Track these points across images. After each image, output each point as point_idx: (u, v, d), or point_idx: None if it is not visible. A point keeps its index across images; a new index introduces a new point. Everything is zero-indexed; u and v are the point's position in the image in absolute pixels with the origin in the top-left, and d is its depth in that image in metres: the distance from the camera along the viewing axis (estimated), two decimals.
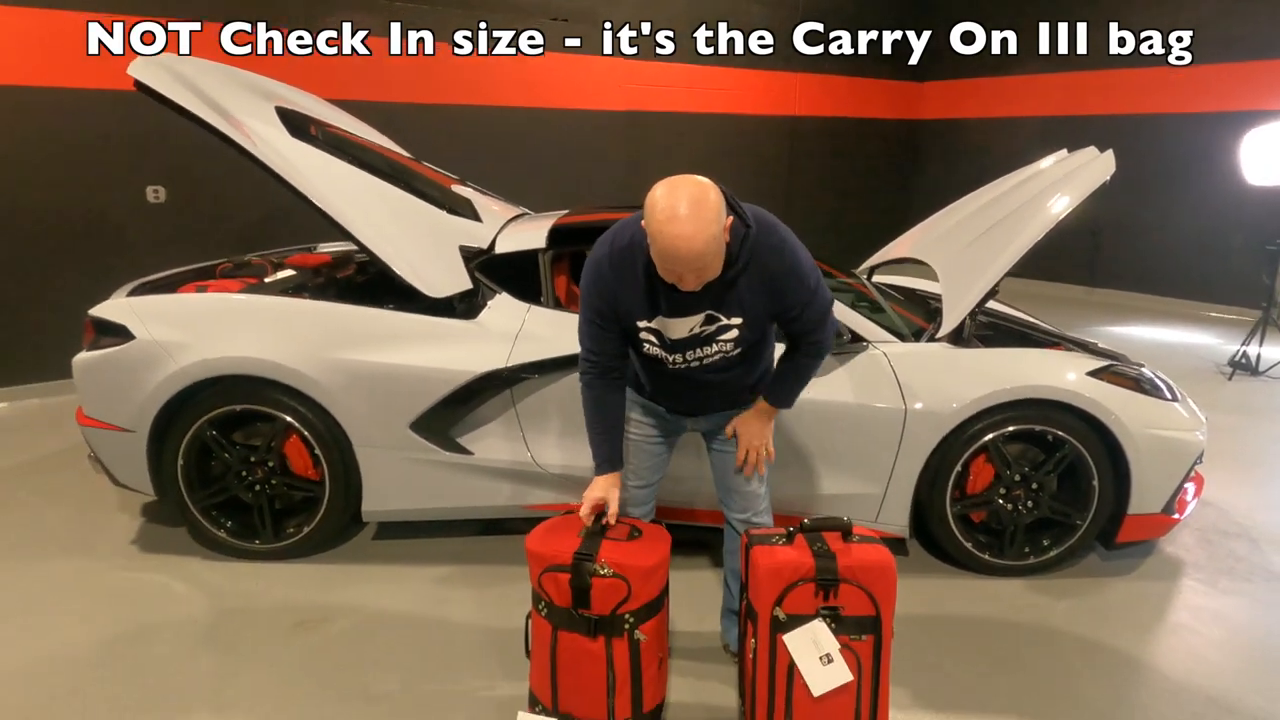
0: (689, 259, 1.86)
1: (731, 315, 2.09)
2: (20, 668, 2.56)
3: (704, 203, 1.85)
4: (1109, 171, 3.27)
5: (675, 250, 1.85)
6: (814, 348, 2.21)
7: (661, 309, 2.08)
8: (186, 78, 3.06)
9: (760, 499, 2.44)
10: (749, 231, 2.01)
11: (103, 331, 3.10)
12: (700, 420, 2.41)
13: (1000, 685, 2.56)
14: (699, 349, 2.15)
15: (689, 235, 1.83)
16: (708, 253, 1.87)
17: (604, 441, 2.26)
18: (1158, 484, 3.06)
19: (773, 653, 2.06)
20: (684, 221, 1.82)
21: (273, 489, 3.15)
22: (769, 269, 2.04)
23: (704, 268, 1.91)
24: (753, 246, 2.02)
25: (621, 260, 2.08)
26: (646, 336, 2.14)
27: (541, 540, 2.17)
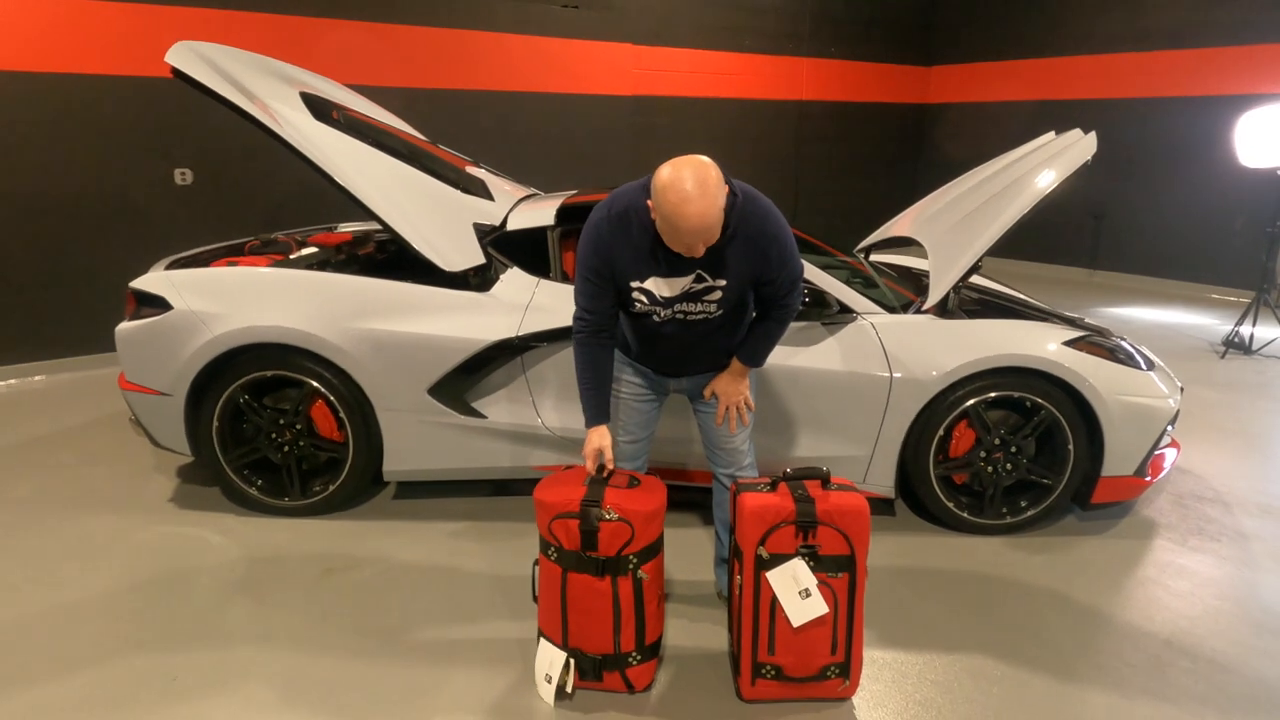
0: (700, 232, 2.10)
1: (718, 277, 2.31)
2: (69, 610, 2.81)
3: (709, 181, 2.08)
4: (1090, 152, 3.42)
5: (690, 226, 2.08)
6: (782, 312, 2.45)
7: (658, 270, 2.30)
8: (219, 65, 3.26)
9: (744, 455, 2.65)
10: (737, 201, 2.23)
11: (143, 303, 3.33)
12: (683, 381, 2.62)
13: (971, 627, 2.77)
14: (685, 305, 2.36)
15: (701, 212, 2.06)
16: (716, 225, 2.12)
17: (594, 397, 2.47)
18: (1130, 448, 3.25)
19: (757, 588, 2.27)
20: (695, 200, 2.05)
21: (300, 450, 3.38)
22: (753, 234, 2.27)
23: (708, 239, 2.15)
24: (740, 214, 2.24)
25: (619, 224, 2.28)
26: (638, 296, 2.35)
27: (549, 491, 2.38)
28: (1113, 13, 8.36)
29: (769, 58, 8.49)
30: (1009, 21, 9.23)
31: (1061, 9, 8.75)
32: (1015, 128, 8.85)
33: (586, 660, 2.37)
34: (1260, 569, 3.14)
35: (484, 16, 6.45)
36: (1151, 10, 8.09)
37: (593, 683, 2.40)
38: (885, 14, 9.46)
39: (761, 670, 2.33)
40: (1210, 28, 7.72)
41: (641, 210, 2.23)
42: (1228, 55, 7.64)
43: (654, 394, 2.66)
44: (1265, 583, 3.05)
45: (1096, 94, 8.58)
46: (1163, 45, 8.05)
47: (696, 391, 2.64)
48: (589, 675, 2.39)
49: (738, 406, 2.55)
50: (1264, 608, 2.89)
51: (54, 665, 2.52)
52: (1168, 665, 2.58)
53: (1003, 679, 2.51)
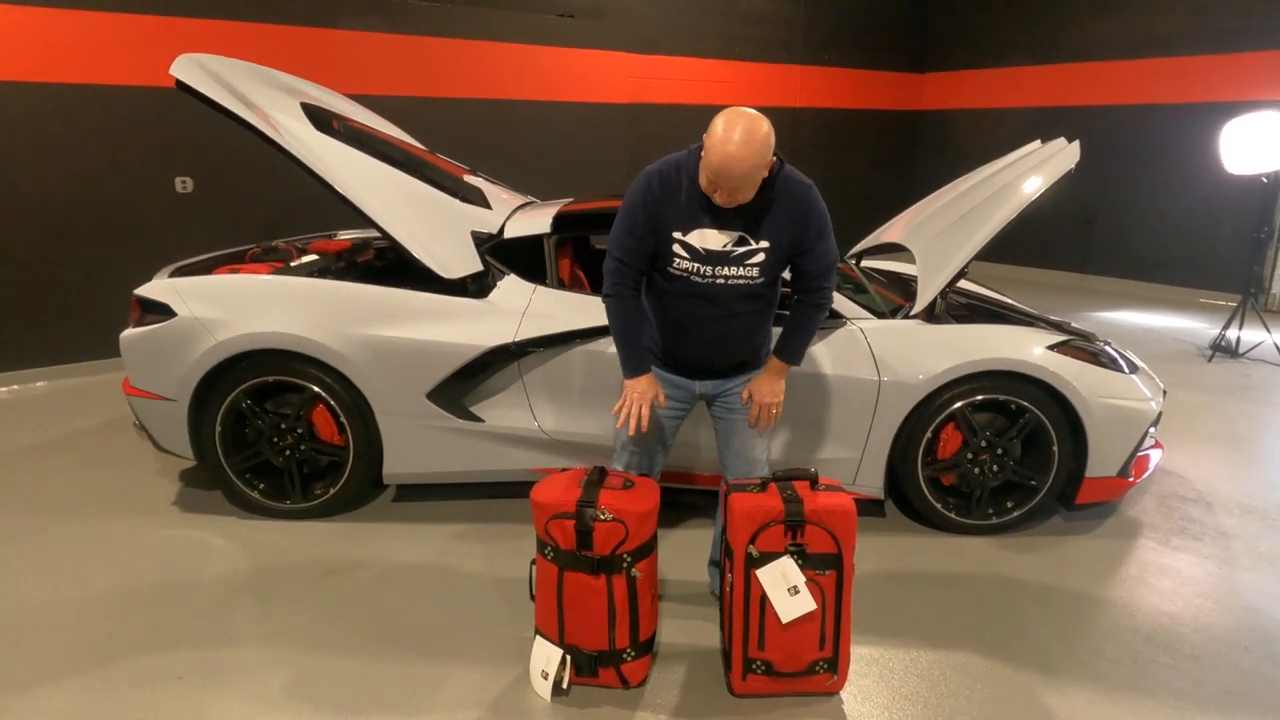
0: (732, 177, 2.20)
1: (759, 239, 2.39)
2: (75, 611, 2.88)
3: (756, 134, 2.19)
4: (1073, 160, 3.50)
5: (724, 166, 2.18)
6: (817, 295, 2.52)
7: (701, 222, 2.37)
8: (222, 77, 3.33)
9: (762, 465, 2.69)
10: (783, 167, 2.37)
11: (147, 309, 3.40)
12: (708, 383, 2.64)
13: (957, 624, 2.84)
14: (727, 267, 2.41)
15: (742, 156, 2.17)
16: (748, 177, 2.22)
17: (632, 349, 2.53)
18: (1113, 449, 3.33)
19: (747, 585, 2.34)
20: (736, 145, 2.17)
21: (301, 454, 3.45)
22: (796, 200, 2.39)
23: (738, 189, 2.25)
24: (784, 179, 2.37)
25: (669, 178, 2.38)
26: (679, 250, 2.40)
27: (545, 492, 2.45)
28: (1102, 22, 8.48)
29: (763, 65, 8.59)
30: (1001, 30, 9.34)
31: (1052, 18, 8.86)
32: (1007, 134, 8.94)
33: (582, 657, 2.44)
34: (1240, 567, 3.22)
35: (480, 26, 6.54)
36: (1140, 19, 8.20)
37: (588, 679, 2.47)
38: (878, 22, 9.57)
39: (752, 665, 2.40)
40: (1197, 36, 7.83)
41: (691, 166, 2.36)
42: (1213, 63, 7.75)
43: (680, 403, 2.68)
44: (1245, 581, 3.12)
45: (1087, 101, 8.68)
46: (1151, 54, 8.17)
47: (720, 393, 2.66)
48: (585, 671, 2.46)
49: (769, 409, 2.59)
50: (1243, 605, 2.97)
51: (60, 665, 2.58)
52: (1148, 661, 2.65)
53: (987, 674, 2.58)
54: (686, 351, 2.59)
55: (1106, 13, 8.43)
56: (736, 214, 2.36)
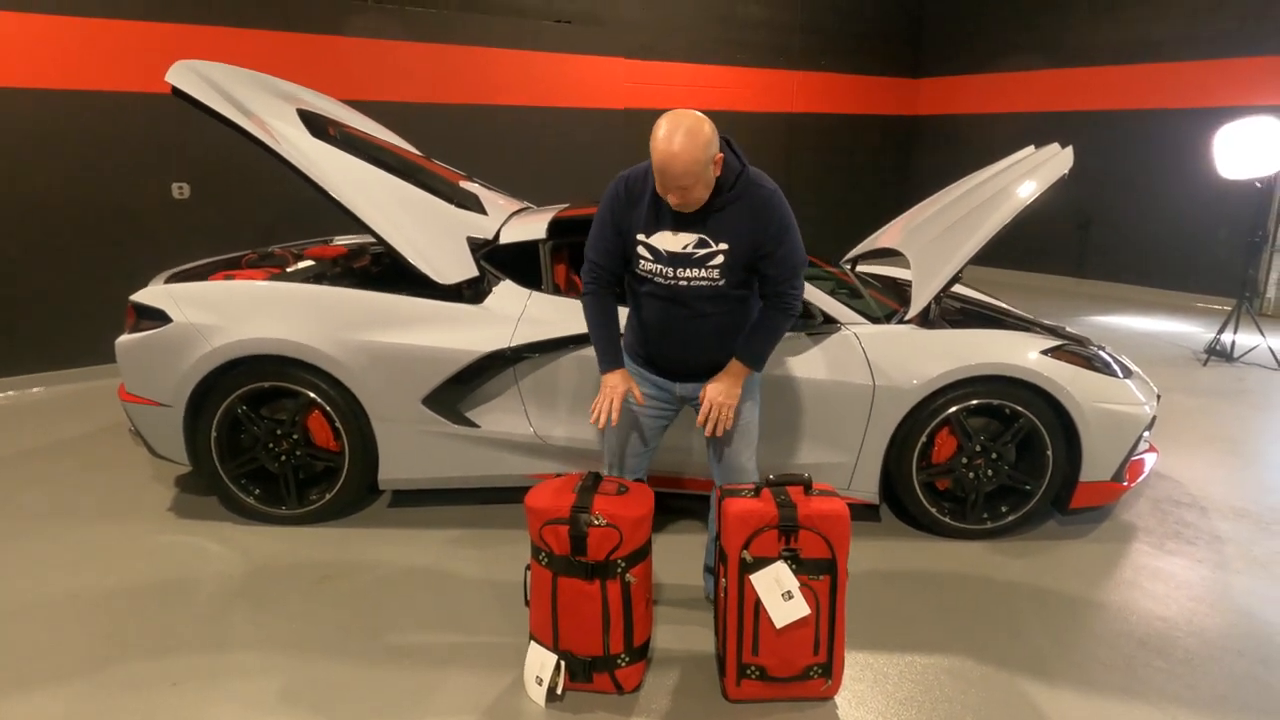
0: (674, 175, 2.25)
1: (719, 241, 2.41)
2: (68, 616, 2.87)
3: (696, 134, 2.23)
4: (1067, 166, 3.52)
5: (665, 165, 2.24)
6: (782, 301, 2.49)
7: (661, 224, 2.43)
8: (217, 83, 3.34)
9: (750, 474, 2.70)
10: (744, 171, 2.40)
11: (143, 315, 3.40)
12: (689, 386, 2.65)
13: (952, 628, 2.85)
14: (689, 269, 2.44)
15: (675, 154, 2.22)
16: (689, 174, 2.25)
17: (606, 342, 2.58)
18: (1107, 453, 3.33)
19: (741, 591, 2.34)
20: (678, 141, 2.22)
21: (297, 459, 3.45)
22: (756, 203, 2.41)
23: (686, 188, 2.28)
24: (745, 181, 2.40)
25: (635, 183, 2.48)
26: (643, 252, 2.47)
27: (540, 498, 2.45)
28: (1097, 27, 8.51)
29: (759, 71, 8.61)
30: (996, 35, 9.38)
31: (1047, 24, 8.89)
32: (1003, 139, 8.96)
33: (576, 662, 2.44)
34: (1233, 571, 3.22)
35: (477, 32, 6.56)
36: (1134, 25, 8.23)
37: (583, 684, 2.47)
38: (874, 27, 9.59)
39: (746, 671, 2.40)
40: (1191, 42, 7.87)
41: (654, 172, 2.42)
42: (1207, 69, 7.78)
43: (665, 405, 2.70)
44: (1238, 584, 3.13)
45: (1082, 106, 8.71)
46: (1145, 59, 8.20)
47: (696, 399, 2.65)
48: (579, 677, 2.46)
49: (720, 409, 2.52)
50: (1236, 609, 2.97)
51: (56, 670, 2.58)
52: (1142, 665, 2.66)
53: (982, 678, 2.59)
54: (663, 352, 2.63)
55: (1101, 18, 8.46)
56: (696, 217, 2.40)
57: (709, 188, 2.34)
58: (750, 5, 8.36)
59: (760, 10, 8.45)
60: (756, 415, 2.72)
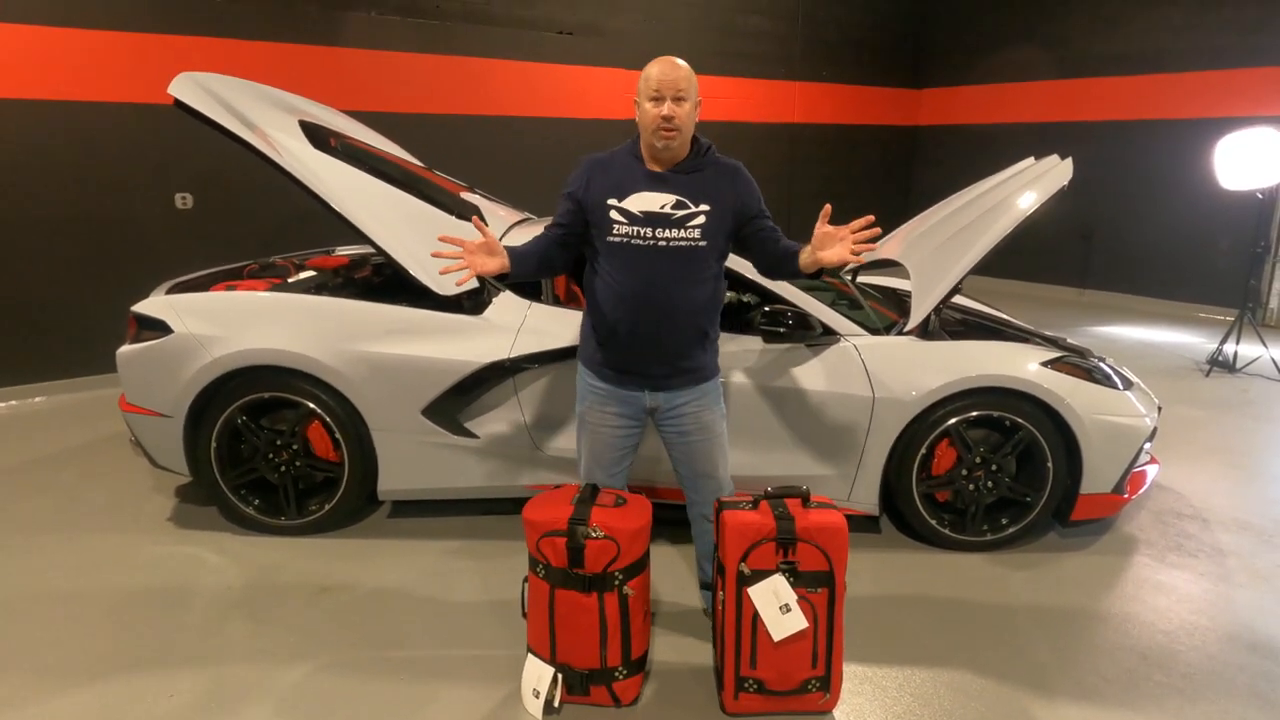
0: (676, 79, 2.39)
1: (699, 203, 2.46)
2: (69, 627, 2.87)
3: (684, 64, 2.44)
4: (1066, 177, 3.51)
5: (665, 69, 2.40)
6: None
7: (637, 186, 2.47)
8: (220, 95, 3.36)
9: (725, 486, 2.69)
10: (711, 146, 2.55)
11: (144, 326, 3.41)
12: (658, 396, 2.58)
13: (952, 641, 2.83)
14: (668, 229, 2.44)
15: (672, 64, 2.42)
16: (689, 81, 2.42)
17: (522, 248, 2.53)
18: (1107, 465, 3.32)
19: (739, 604, 2.33)
20: (669, 61, 2.44)
21: (297, 470, 3.45)
22: (730, 170, 2.55)
23: (681, 97, 2.40)
24: (714, 155, 2.55)
25: (602, 157, 2.57)
26: (616, 216, 2.46)
27: (538, 510, 2.45)
28: (1098, 38, 8.53)
29: (761, 81, 8.64)
30: (998, 46, 9.40)
31: (1049, 34, 8.92)
32: (1004, 149, 8.95)
33: (574, 675, 2.44)
34: (1235, 585, 3.21)
35: (478, 43, 6.59)
36: (1135, 36, 8.25)
37: (580, 697, 2.47)
38: (875, 38, 9.62)
39: (744, 684, 2.39)
40: (1192, 53, 7.88)
41: (627, 148, 2.57)
42: (1208, 80, 7.79)
43: (630, 420, 2.63)
44: (1240, 598, 3.12)
45: (1083, 116, 8.72)
46: (1147, 70, 8.21)
47: (669, 412, 2.60)
48: (576, 690, 2.45)
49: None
50: (1238, 622, 2.96)
51: (54, 682, 2.57)
52: (1142, 679, 2.65)
53: (982, 692, 2.57)
54: (631, 345, 2.51)
55: (1102, 29, 8.48)
56: (672, 181, 2.47)
57: (689, 129, 2.45)
58: (751, 16, 8.39)
59: (761, 21, 8.48)
60: (725, 424, 2.70)
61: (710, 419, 2.64)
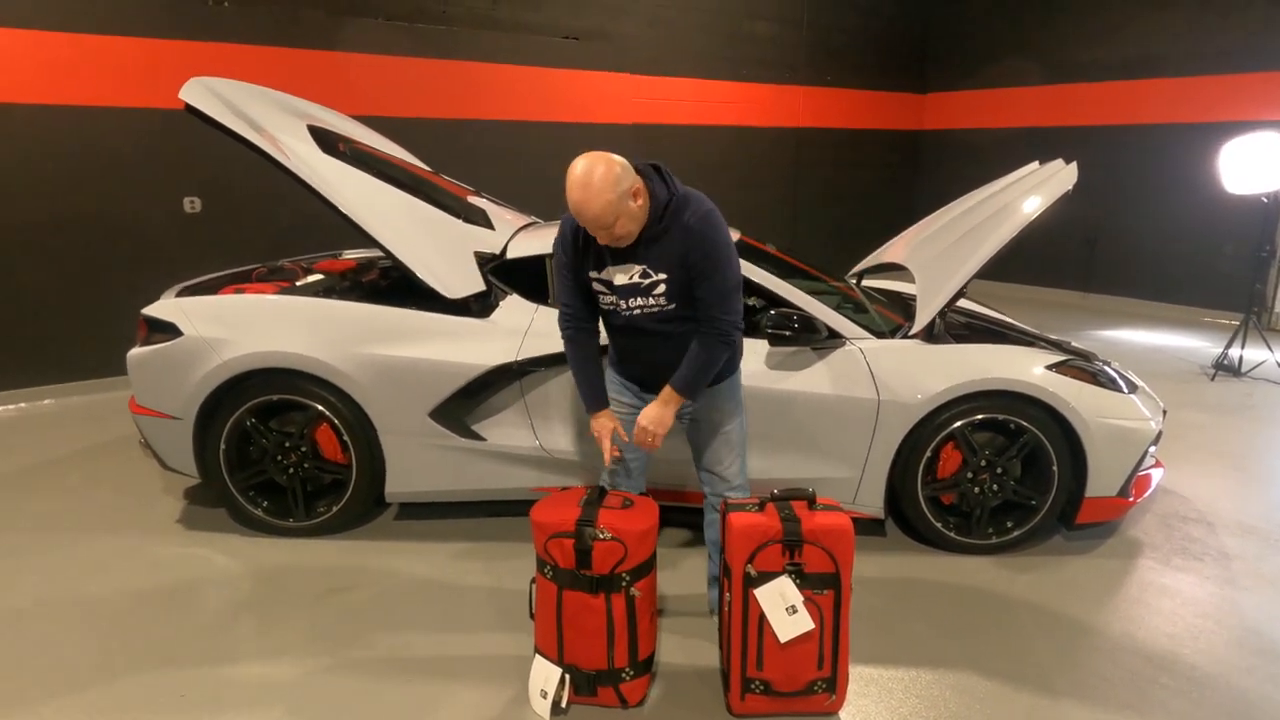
0: (590, 217, 2.31)
1: (657, 271, 2.47)
2: (80, 627, 2.90)
3: (595, 173, 2.28)
4: (1071, 181, 3.53)
5: (578, 210, 2.31)
6: (714, 327, 2.47)
7: (607, 260, 2.51)
8: (230, 100, 3.39)
9: (732, 480, 2.75)
10: (672, 199, 2.42)
11: (154, 329, 3.44)
12: None
13: (957, 644, 2.84)
14: (639, 298, 2.51)
15: (581, 201, 2.29)
16: (605, 213, 2.30)
17: (589, 384, 2.66)
18: (1112, 469, 3.33)
19: (745, 605, 2.35)
20: (578, 189, 2.29)
21: (305, 472, 3.48)
22: (684, 229, 2.42)
23: (606, 226, 2.33)
24: (673, 210, 2.43)
25: (578, 227, 2.53)
26: (599, 287, 2.56)
27: (545, 512, 2.47)
28: (1103, 43, 8.54)
29: (766, 86, 8.66)
30: (1002, 50, 9.41)
31: (1053, 39, 8.93)
32: (1009, 154, 8.99)
33: (581, 676, 2.45)
34: (1241, 588, 3.21)
35: (486, 48, 6.62)
36: (1140, 41, 8.26)
37: (587, 698, 2.48)
38: (880, 43, 9.64)
39: (750, 685, 2.40)
40: (1196, 57, 7.89)
41: None
42: (1213, 84, 7.79)
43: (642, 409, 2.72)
44: (1245, 601, 3.12)
45: (1088, 121, 8.73)
46: (1151, 74, 8.22)
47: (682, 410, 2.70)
48: (584, 690, 2.47)
49: (645, 432, 2.56)
50: (1243, 626, 2.96)
51: (65, 681, 2.60)
52: (1147, 682, 2.65)
53: (987, 694, 2.58)
54: (637, 373, 2.72)
55: (1107, 34, 8.49)
56: (635, 251, 2.45)
57: (636, 220, 2.38)
58: (757, 21, 8.41)
59: (766, 27, 8.51)
60: (739, 423, 2.75)
61: (718, 418, 2.72)
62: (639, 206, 2.37)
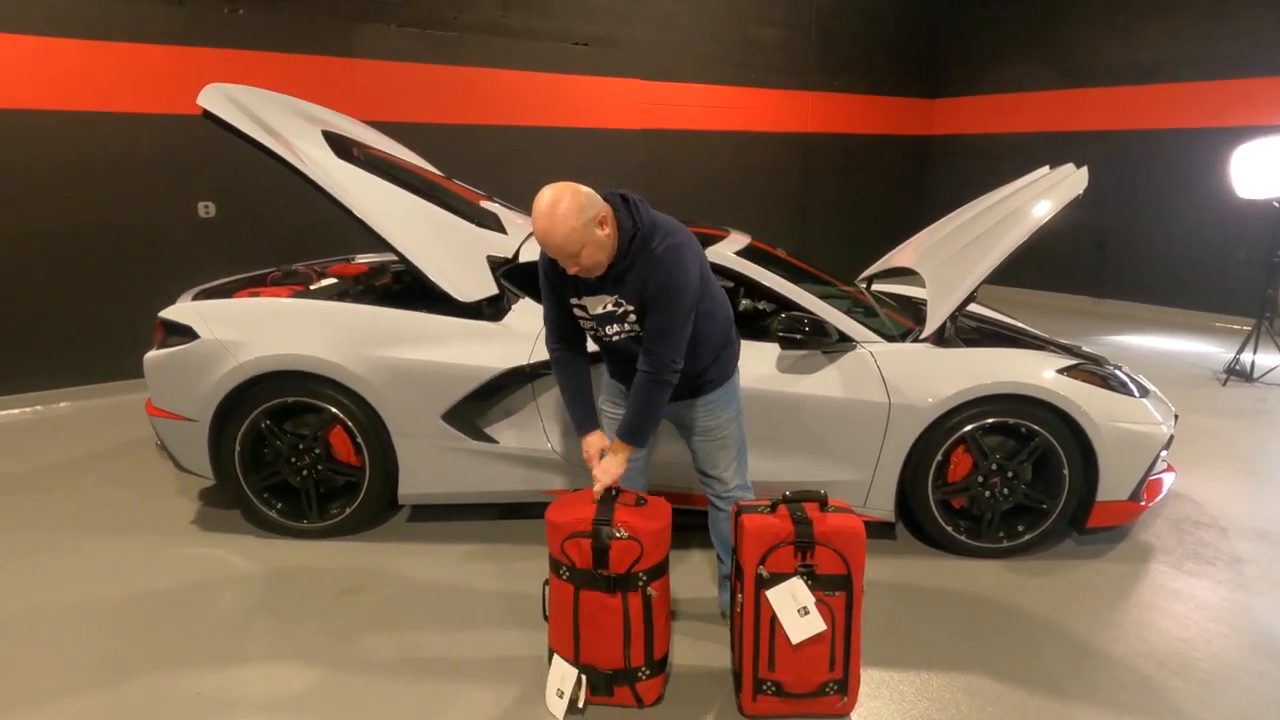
0: (555, 245, 2.30)
1: (629, 301, 2.46)
2: (93, 626, 2.93)
3: (559, 204, 2.28)
4: (1081, 186, 3.53)
5: (544, 239, 2.31)
6: (648, 362, 2.44)
7: (582, 289, 2.51)
8: (246, 106, 3.43)
9: (729, 483, 2.77)
10: (637, 233, 2.40)
11: (171, 332, 3.48)
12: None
13: (968, 647, 2.85)
14: (614, 324, 2.53)
15: (545, 230, 2.29)
16: (570, 241, 2.29)
17: (578, 404, 2.67)
18: (1124, 473, 3.33)
19: (757, 606, 2.36)
20: (543, 219, 2.29)
21: (319, 474, 3.50)
22: (645, 264, 2.41)
23: (572, 254, 2.32)
24: (640, 243, 2.41)
25: None
26: (579, 313, 2.57)
27: (561, 512, 2.48)
28: (1112, 48, 8.53)
29: (775, 91, 8.68)
30: (1012, 56, 9.41)
31: (1063, 44, 8.93)
32: (1019, 159, 8.97)
33: (598, 675, 2.47)
34: (1253, 592, 3.20)
35: (498, 54, 6.67)
36: (1151, 45, 8.25)
37: (604, 698, 2.50)
38: (889, 48, 9.66)
39: (762, 686, 2.41)
40: (1207, 62, 7.87)
41: None
42: (1224, 89, 7.78)
43: None
44: (1258, 606, 3.11)
45: (1099, 126, 8.72)
46: (1162, 79, 8.21)
47: (675, 417, 2.75)
48: (600, 690, 2.48)
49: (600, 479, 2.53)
50: (1256, 630, 2.96)
51: (81, 679, 2.63)
52: (1159, 686, 2.65)
53: (998, 697, 2.59)
54: (625, 380, 2.71)
55: (1117, 39, 8.48)
56: (605, 283, 2.45)
57: (604, 250, 2.35)
58: (765, 27, 8.44)
59: (775, 32, 8.53)
60: (737, 426, 2.77)
61: (713, 424, 2.72)
62: (606, 236, 2.34)
